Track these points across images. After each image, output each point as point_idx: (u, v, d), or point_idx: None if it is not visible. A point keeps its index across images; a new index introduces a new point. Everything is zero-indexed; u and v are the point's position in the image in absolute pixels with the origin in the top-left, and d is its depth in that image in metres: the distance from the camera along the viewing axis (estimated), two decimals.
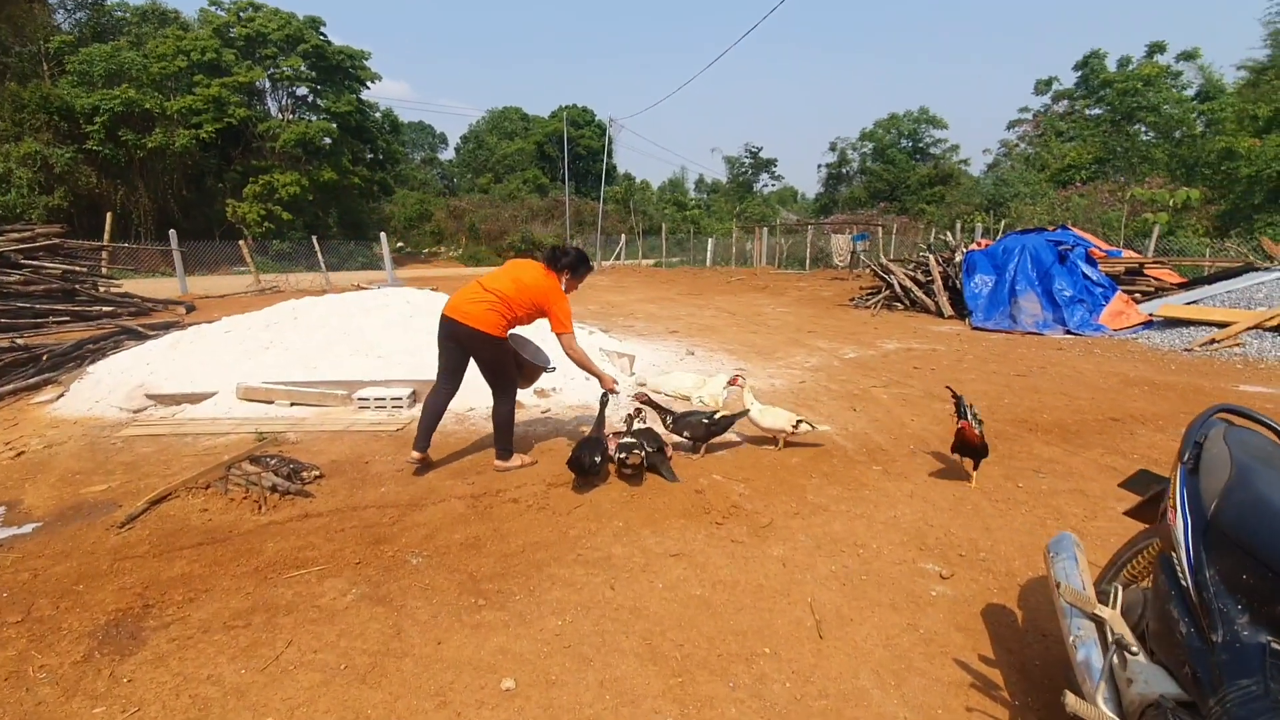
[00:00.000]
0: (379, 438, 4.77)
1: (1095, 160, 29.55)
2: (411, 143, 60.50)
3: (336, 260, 26.29)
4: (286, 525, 3.38)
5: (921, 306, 11.93)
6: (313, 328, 6.48)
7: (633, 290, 17.53)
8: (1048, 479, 4.08)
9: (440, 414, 4.22)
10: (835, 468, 4.27)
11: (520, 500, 3.66)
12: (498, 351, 4.04)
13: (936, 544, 3.23)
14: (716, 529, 3.36)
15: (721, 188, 61.19)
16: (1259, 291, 8.88)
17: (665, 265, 30.72)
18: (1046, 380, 6.75)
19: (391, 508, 3.58)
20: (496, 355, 4.05)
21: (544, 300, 4.00)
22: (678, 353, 8.21)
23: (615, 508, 3.58)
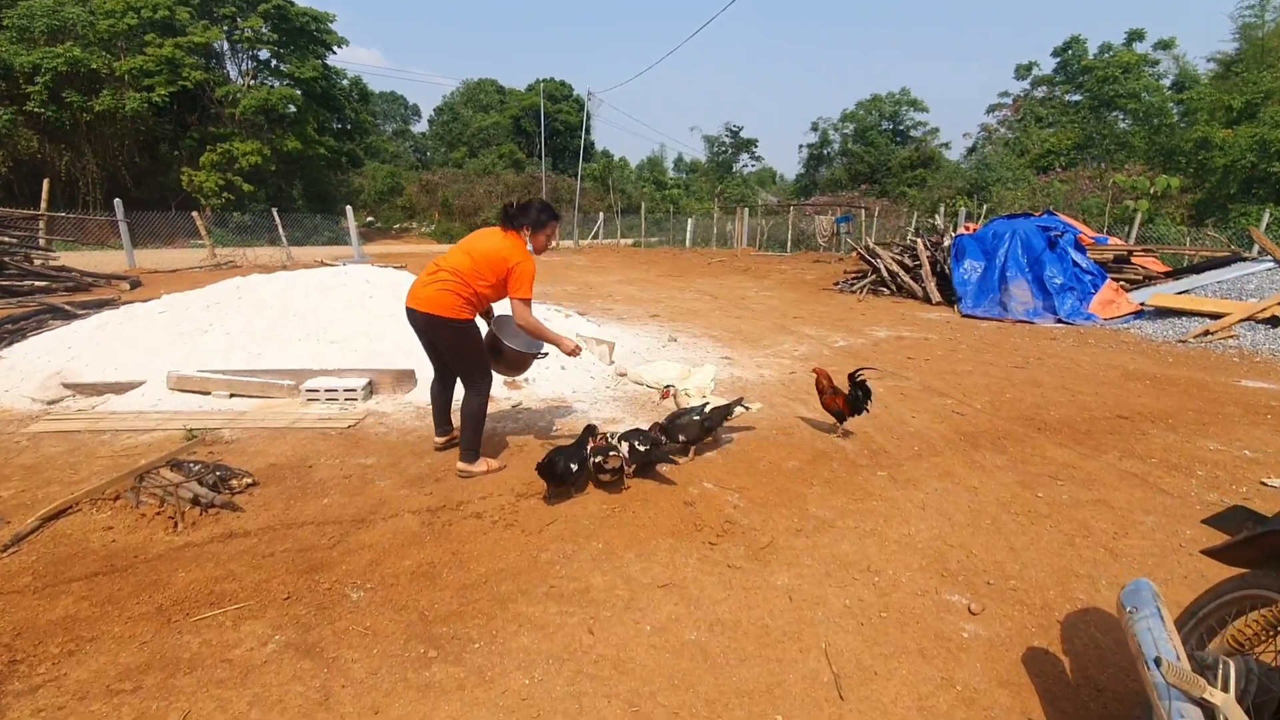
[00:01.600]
0: (327, 436, 4.24)
1: (1074, 146, 29.53)
2: (382, 113, 58.55)
3: (301, 235, 25.20)
4: (205, 548, 2.86)
5: (908, 292, 11.61)
6: (259, 308, 5.87)
7: (611, 270, 16.97)
8: (1067, 487, 3.73)
9: (447, 398, 4.00)
10: (837, 473, 3.86)
11: (484, 515, 3.19)
12: (458, 336, 3.57)
13: (959, 569, 2.84)
14: (710, 550, 2.93)
15: (701, 167, 60.38)
16: (1250, 282, 8.70)
17: (644, 245, 30.12)
18: (1045, 373, 6.44)
19: (333, 525, 3.08)
20: (458, 340, 3.58)
21: (501, 265, 3.50)
22: (659, 339, 7.74)
23: (594, 525, 3.12)
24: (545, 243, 3.69)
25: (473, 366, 3.68)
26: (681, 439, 3.82)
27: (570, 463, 3.37)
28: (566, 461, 3.37)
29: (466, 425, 3.65)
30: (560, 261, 20.33)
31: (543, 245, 3.69)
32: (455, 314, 3.51)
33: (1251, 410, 5.25)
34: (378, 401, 4.95)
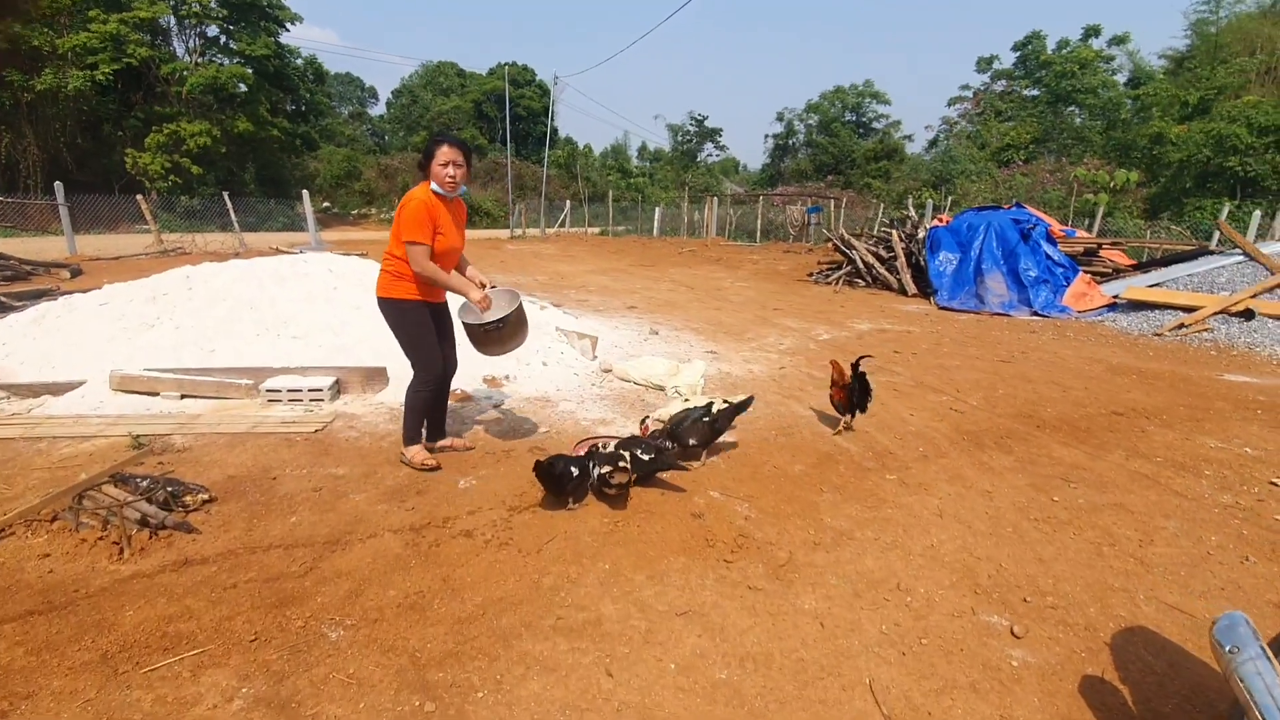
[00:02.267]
0: (291, 442, 3.86)
1: (1033, 140, 30.13)
2: (338, 95, 56.58)
3: (254, 220, 24.09)
4: (156, 580, 2.50)
5: (883, 283, 11.57)
6: (211, 300, 5.40)
7: (582, 260, 16.60)
8: (1081, 490, 3.60)
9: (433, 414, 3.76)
10: (845, 478, 3.66)
11: (475, 533, 2.88)
12: (390, 314, 3.42)
13: (992, 585, 2.66)
14: (727, 569, 2.69)
15: (665, 156, 60.01)
16: (1221, 275, 8.85)
17: (612, 234, 29.70)
18: (1033, 368, 6.38)
19: (304, 548, 2.73)
20: (390, 320, 3.44)
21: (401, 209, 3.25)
22: (640, 332, 7.47)
23: (598, 542, 2.85)
24: (443, 173, 3.23)
25: (408, 351, 3.46)
26: (692, 443, 3.56)
27: (571, 466, 3.09)
28: (567, 465, 3.09)
29: (404, 409, 3.55)
30: (529, 250, 19.86)
31: (443, 176, 3.23)
32: (386, 290, 3.37)
33: (1241, 405, 5.25)
34: (346, 402, 4.57)
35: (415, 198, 3.21)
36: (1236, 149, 18.92)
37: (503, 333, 3.45)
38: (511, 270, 13.99)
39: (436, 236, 3.26)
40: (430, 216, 3.21)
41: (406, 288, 3.33)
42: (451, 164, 3.24)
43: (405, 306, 3.36)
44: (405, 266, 3.29)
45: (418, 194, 3.23)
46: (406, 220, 3.18)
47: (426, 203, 3.20)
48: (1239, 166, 18.95)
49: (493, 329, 3.40)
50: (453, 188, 3.28)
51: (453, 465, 3.61)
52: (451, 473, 3.51)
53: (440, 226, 3.27)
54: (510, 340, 3.56)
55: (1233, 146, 19.01)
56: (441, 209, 3.28)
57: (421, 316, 3.41)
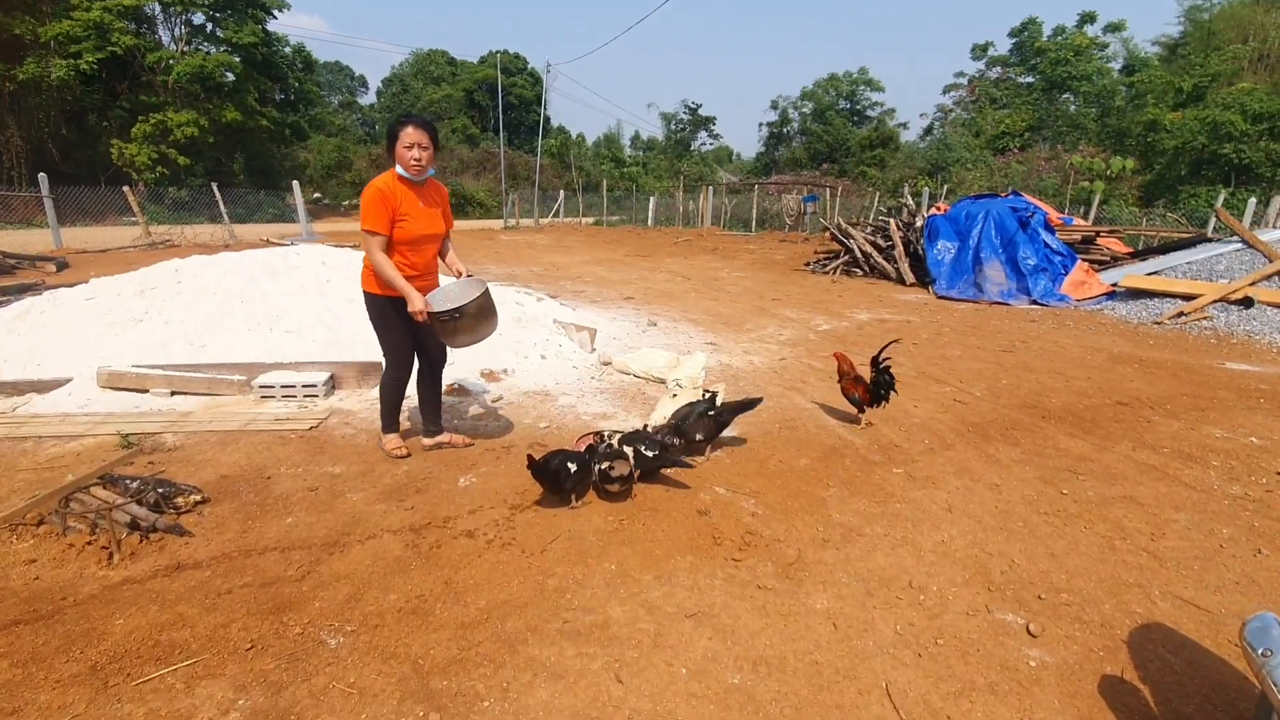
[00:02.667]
0: (286, 440, 3.77)
1: (1028, 127, 30.07)
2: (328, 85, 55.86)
3: (244, 211, 23.81)
4: (148, 586, 2.42)
5: (881, 273, 11.51)
6: (201, 294, 5.28)
7: (577, 251, 16.47)
8: (1089, 482, 3.56)
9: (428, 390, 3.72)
10: (852, 472, 3.61)
11: (477, 534, 2.81)
12: (369, 307, 3.39)
13: (1005, 581, 2.61)
14: (735, 568, 2.63)
15: (658, 145, 59.71)
16: (1219, 263, 8.82)
17: (606, 224, 29.54)
18: (1034, 357, 6.34)
19: (300, 550, 2.66)
20: (369, 312, 3.41)
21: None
22: (638, 323, 7.39)
23: (603, 542, 2.78)
24: (407, 155, 3.11)
25: (381, 343, 3.46)
26: (698, 438, 3.49)
27: (569, 462, 3.02)
28: (563, 461, 3.02)
29: (380, 397, 3.60)
30: (522, 241, 19.70)
31: (408, 160, 3.12)
32: (364, 283, 3.34)
33: (1243, 394, 5.22)
34: (341, 398, 4.48)
35: (372, 185, 3.14)
36: (1231, 136, 18.90)
37: (459, 324, 3.24)
38: (505, 261, 13.86)
39: (398, 224, 3.17)
40: (386, 204, 3.12)
41: (383, 284, 3.25)
42: (416, 146, 3.13)
43: (379, 300, 3.30)
44: None
45: (376, 181, 3.16)
46: (363, 207, 3.14)
47: (383, 190, 3.12)
48: (1233, 154, 18.95)
49: (447, 319, 3.21)
50: (419, 171, 3.18)
51: (452, 462, 3.54)
52: (451, 470, 3.43)
53: (403, 213, 3.17)
54: (471, 331, 3.32)
55: (1227, 134, 18.99)
56: (406, 194, 3.19)
57: (396, 312, 3.32)
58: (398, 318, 3.33)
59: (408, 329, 3.40)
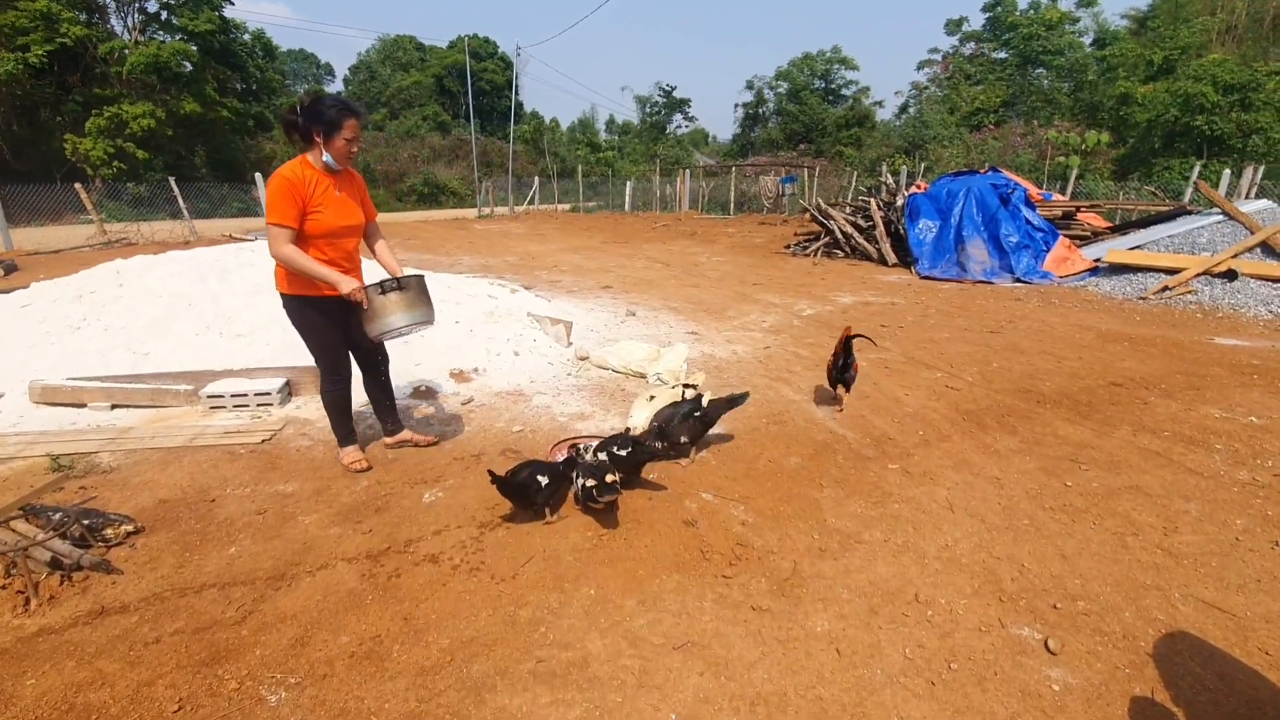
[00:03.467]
0: (235, 456, 3.47)
1: (1002, 103, 30.06)
2: (292, 73, 54.37)
3: (207, 206, 23.01)
4: (67, 636, 2.13)
5: (862, 253, 11.33)
6: (144, 298, 4.92)
7: (552, 239, 16.10)
8: (1093, 472, 3.39)
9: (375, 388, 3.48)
10: (845, 470, 3.40)
11: (442, 558, 2.55)
12: (289, 311, 3.09)
13: (1017, 590, 2.42)
14: (726, 587, 2.40)
15: (633, 129, 59.02)
16: (1201, 236, 8.74)
17: (582, 210, 29.10)
18: (1023, 338, 6.19)
19: (243, 586, 2.38)
20: (290, 316, 3.11)
21: None
22: (617, 314, 7.12)
23: (581, 562, 2.54)
24: (346, 149, 2.87)
25: (309, 348, 3.17)
26: (683, 440, 3.24)
27: (538, 475, 2.77)
28: (532, 474, 2.77)
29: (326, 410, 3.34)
30: (497, 230, 19.25)
31: (344, 152, 2.87)
32: (280, 285, 3.01)
33: (1236, 371, 5.10)
34: (299, 406, 4.18)
35: (279, 174, 2.82)
36: (1203, 108, 18.96)
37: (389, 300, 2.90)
38: (480, 251, 13.47)
39: (311, 216, 2.87)
40: (296, 195, 2.81)
41: (301, 283, 2.96)
42: (355, 140, 2.91)
43: (301, 303, 3.01)
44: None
45: (284, 170, 2.84)
46: (269, 198, 2.82)
47: (291, 180, 2.81)
48: (1205, 125, 19.02)
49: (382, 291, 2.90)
50: (348, 163, 2.96)
51: (416, 475, 3.27)
52: (415, 485, 3.16)
53: (316, 204, 2.87)
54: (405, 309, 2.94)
55: (1200, 106, 19.04)
56: (320, 182, 2.88)
57: (319, 314, 3.04)
58: (321, 318, 3.05)
59: (336, 329, 3.11)
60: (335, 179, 2.96)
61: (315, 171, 2.87)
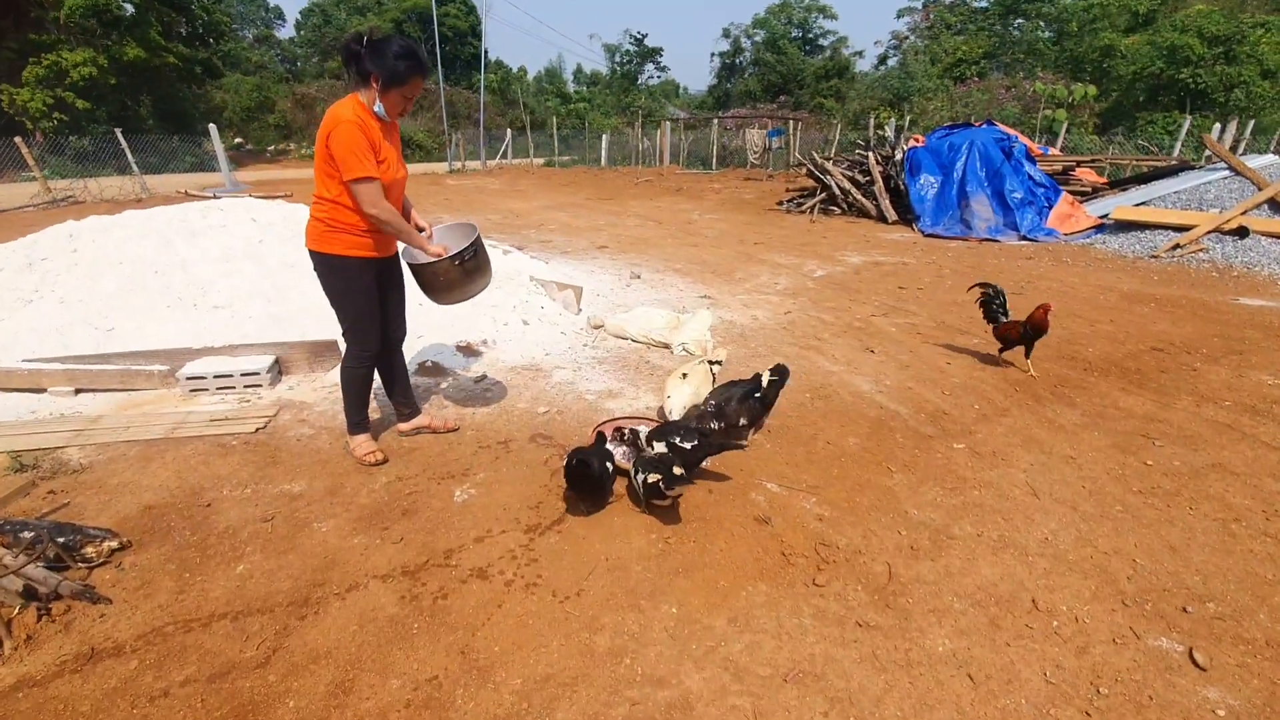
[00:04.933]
0: (227, 449, 3.05)
1: (985, 54, 29.56)
2: (239, 17, 50.97)
3: (157, 160, 21.52)
4: (53, 690, 1.76)
5: (860, 210, 10.98)
6: (104, 265, 4.37)
7: (533, 195, 15.40)
8: (1170, 449, 3.17)
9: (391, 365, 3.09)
10: (910, 451, 3.12)
11: (491, 572, 2.21)
12: (327, 273, 2.67)
13: (1138, 591, 2.18)
14: (822, 598, 2.12)
15: (602, 79, 57.10)
16: (1208, 192, 8.58)
17: (557, 164, 28.08)
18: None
19: (260, 615, 2.02)
20: (326, 278, 2.70)
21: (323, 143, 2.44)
22: (620, 276, 6.71)
23: (651, 571, 2.22)
24: (402, 104, 2.51)
25: (341, 317, 2.77)
26: (743, 423, 2.91)
27: (608, 461, 2.50)
28: (603, 461, 2.48)
29: (341, 388, 2.89)
30: (472, 186, 18.39)
31: (398, 107, 2.51)
32: (319, 243, 2.60)
33: (1272, 334, 4.94)
34: (292, 387, 3.74)
35: (344, 118, 2.39)
36: (1189, 60, 18.79)
37: (465, 267, 2.69)
38: (457, 209, 12.79)
39: (380, 167, 2.48)
40: (370, 140, 2.43)
41: (346, 241, 2.58)
42: (414, 99, 2.54)
43: (344, 265, 2.62)
44: (342, 213, 2.54)
45: (346, 113, 2.40)
46: (344, 149, 2.38)
47: (362, 124, 2.41)
48: (1190, 79, 18.89)
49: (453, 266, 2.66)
50: (398, 118, 2.58)
51: (440, 466, 2.90)
52: (441, 480, 2.79)
53: (382, 154, 2.51)
54: (472, 282, 2.81)
55: (1185, 58, 18.87)
56: (377, 131, 2.49)
57: (364, 279, 2.68)
58: (361, 282, 2.67)
59: (374, 296, 2.74)
60: (386, 128, 2.57)
61: (371, 115, 2.47)
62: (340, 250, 2.57)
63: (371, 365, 2.87)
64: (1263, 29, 19.26)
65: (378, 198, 2.46)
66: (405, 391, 3.12)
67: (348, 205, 2.50)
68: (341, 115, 2.38)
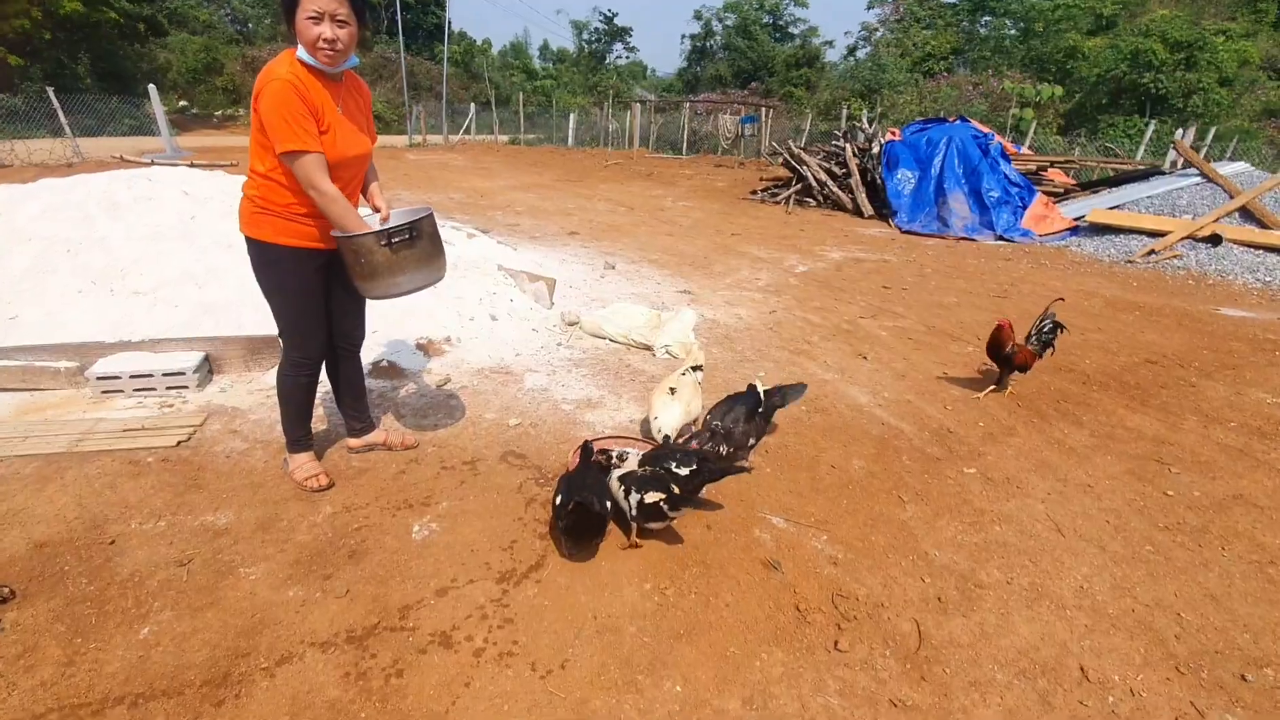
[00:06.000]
0: (141, 467, 2.59)
1: (953, 50, 29.77)
2: None
3: (94, 123, 20.00)
4: None
5: (835, 203, 10.78)
6: (11, 241, 3.79)
7: (498, 174, 14.77)
8: (1186, 477, 2.99)
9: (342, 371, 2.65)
10: (919, 476, 2.86)
11: (456, 637, 1.85)
12: (260, 263, 2.23)
13: (1188, 653, 1.95)
14: (847, 668, 1.82)
15: (569, 57, 55.90)
16: (1180, 198, 8.61)
17: (523, 143, 27.28)
18: (1031, 304, 5.80)
19: (165, 699, 1.62)
20: (259, 269, 2.25)
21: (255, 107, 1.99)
22: (593, 265, 6.32)
23: (648, 635, 1.89)
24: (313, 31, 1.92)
25: (276, 315, 2.33)
26: (752, 443, 2.59)
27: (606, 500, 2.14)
28: (602, 498, 2.12)
29: (278, 400, 2.46)
30: (434, 161, 17.62)
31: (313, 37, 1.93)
32: (252, 227, 2.16)
33: (1257, 347, 4.88)
34: (224, 389, 3.28)
35: (275, 75, 1.94)
36: (1152, 65, 19.14)
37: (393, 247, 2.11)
38: (417, 186, 12.14)
39: (324, 138, 2.04)
40: (310, 105, 1.98)
41: (279, 227, 2.15)
42: (328, 17, 1.94)
43: (278, 255, 2.19)
44: (276, 191, 2.10)
45: (280, 70, 1.95)
46: (273, 114, 1.93)
47: (297, 84, 1.95)
48: (1152, 83, 19.26)
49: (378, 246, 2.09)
50: (331, 58, 2.01)
51: (396, 495, 2.51)
52: (398, 510, 2.41)
53: (325, 121, 2.04)
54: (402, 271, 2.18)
55: (1148, 63, 19.21)
56: (321, 93, 2.03)
57: (302, 273, 2.24)
58: (301, 276, 2.24)
59: (318, 292, 2.32)
60: (335, 88, 2.10)
61: (308, 74, 2.01)
62: (273, 237, 2.14)
63: (313, 374, 2.44)
64: (1223, 36, 19.74)
65: (316, 175, 2.00)
66: (359, 403, 2.71)
67: (282, 183, 2.06)
68: (274, 72, 1.94)
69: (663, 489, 2.15)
